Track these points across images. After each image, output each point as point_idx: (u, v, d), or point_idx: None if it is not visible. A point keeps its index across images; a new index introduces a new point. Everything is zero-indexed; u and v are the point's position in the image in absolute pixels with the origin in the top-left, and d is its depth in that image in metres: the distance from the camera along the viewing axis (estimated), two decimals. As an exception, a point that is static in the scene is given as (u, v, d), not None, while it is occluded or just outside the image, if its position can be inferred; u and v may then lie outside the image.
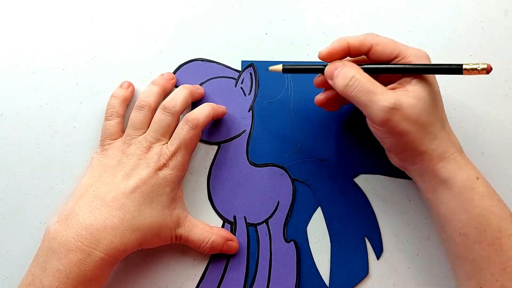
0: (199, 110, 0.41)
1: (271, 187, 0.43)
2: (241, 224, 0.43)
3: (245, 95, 0.44)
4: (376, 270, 0.42)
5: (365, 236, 0.43)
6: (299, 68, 0.40)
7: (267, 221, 0.43)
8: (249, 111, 0.44)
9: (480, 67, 0.34)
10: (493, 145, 0.44)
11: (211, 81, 0.44)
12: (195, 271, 0.42)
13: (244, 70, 0.45)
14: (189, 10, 0.45)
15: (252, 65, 0.45)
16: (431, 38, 0.45)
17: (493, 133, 0.44)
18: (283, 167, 0.43)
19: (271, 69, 0.40)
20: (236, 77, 0.45)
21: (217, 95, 0.44)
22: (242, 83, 0.45)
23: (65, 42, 0.44)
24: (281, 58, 0.45)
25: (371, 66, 0.37)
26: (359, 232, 0.43)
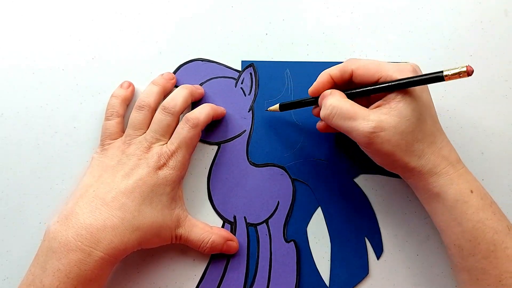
0: (199, 109, 0.41)
1: (271, 187, 0.43)
2: (241, 224, 0.43)
3: (245, 95, 0.44)
4: (376, 270, 0.42)
5: (365, 236, 0.43)
6: (295, 103, 0.41)
7: (267, 221, 0.43)
8: (249, 111, 0.44)
9: (460, 70, 0.32)
10: (493, 145, 0.44)
11: (211, 81, 0.44)
12: (195, 271, 0.42)
13: (244, 70, 0.45)
14: (189, 10, 0.45)
15: (252, 65, 0.45)
16: (431, 38, 0.45)
17: (493, 133, 0.44)
18: (283, 167, 0.43)
19: (269, 109, 0.43)
20: (236, 77, 0.45)
21: (217, 95, 0.44)
22: (242, 83, 0.45)
23: (65, 42, 0.44)
24: (281, 58, 0.45)
25: (352, 91, 0.37)
26: (359, 232, 0.43)
